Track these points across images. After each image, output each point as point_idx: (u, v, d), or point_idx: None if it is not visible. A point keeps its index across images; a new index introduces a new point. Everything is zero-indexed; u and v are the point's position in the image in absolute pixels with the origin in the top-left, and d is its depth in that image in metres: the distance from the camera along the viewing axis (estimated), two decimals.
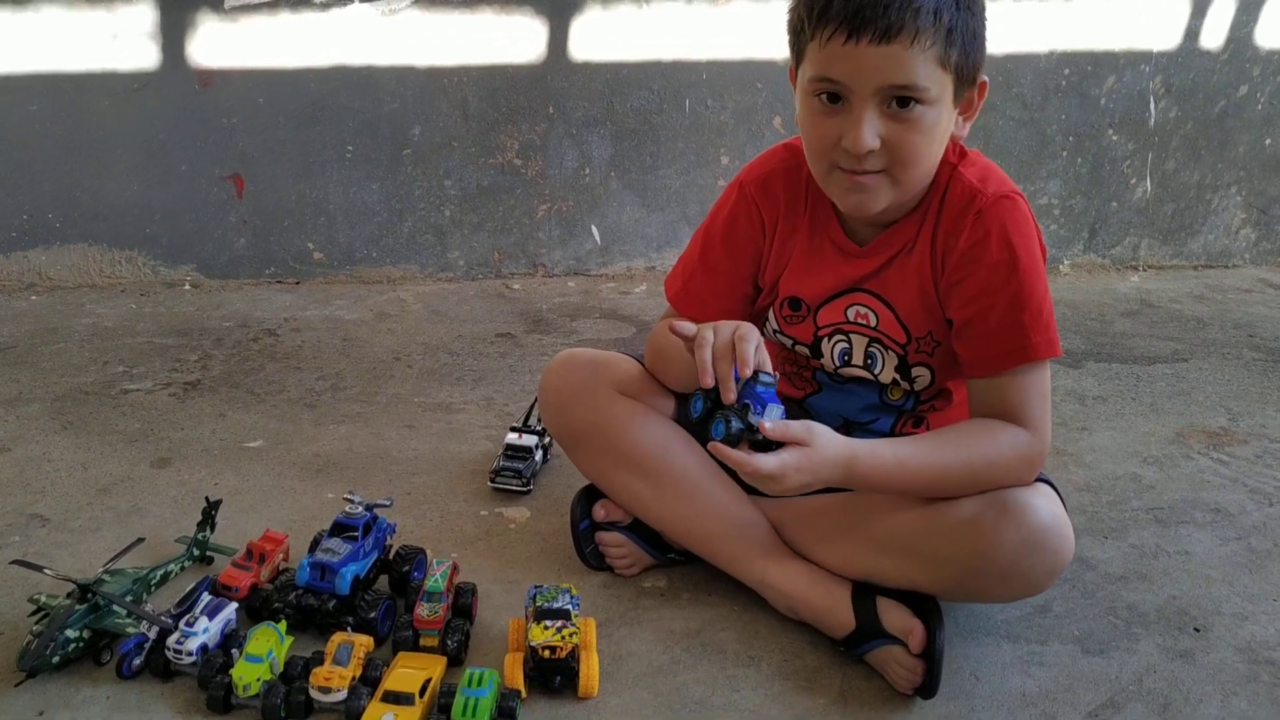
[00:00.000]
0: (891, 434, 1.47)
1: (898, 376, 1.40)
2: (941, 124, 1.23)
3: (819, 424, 1.20)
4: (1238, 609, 1.48)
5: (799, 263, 1.41)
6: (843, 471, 1.19)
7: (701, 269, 1.47)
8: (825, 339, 1.42)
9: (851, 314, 1.39)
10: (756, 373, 1.15)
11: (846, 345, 1.41)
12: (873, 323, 1.38)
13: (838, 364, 1.43)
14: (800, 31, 1.24)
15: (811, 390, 1.50)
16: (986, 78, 1.27)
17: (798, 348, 1.46)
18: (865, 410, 1.47)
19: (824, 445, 1.17)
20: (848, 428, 1.48)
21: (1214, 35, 3.06)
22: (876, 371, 1.41)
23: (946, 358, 1.37)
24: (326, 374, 2.28)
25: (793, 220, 1.41)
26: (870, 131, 1.19)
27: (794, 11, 1.25)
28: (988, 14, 1.24)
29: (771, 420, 1.15)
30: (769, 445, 1.15)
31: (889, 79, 1.17)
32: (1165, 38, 3.05)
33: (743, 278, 1.46)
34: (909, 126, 1.20)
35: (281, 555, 1.49)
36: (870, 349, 1.40)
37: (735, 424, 1.14)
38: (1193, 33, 3.06)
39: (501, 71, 2.83)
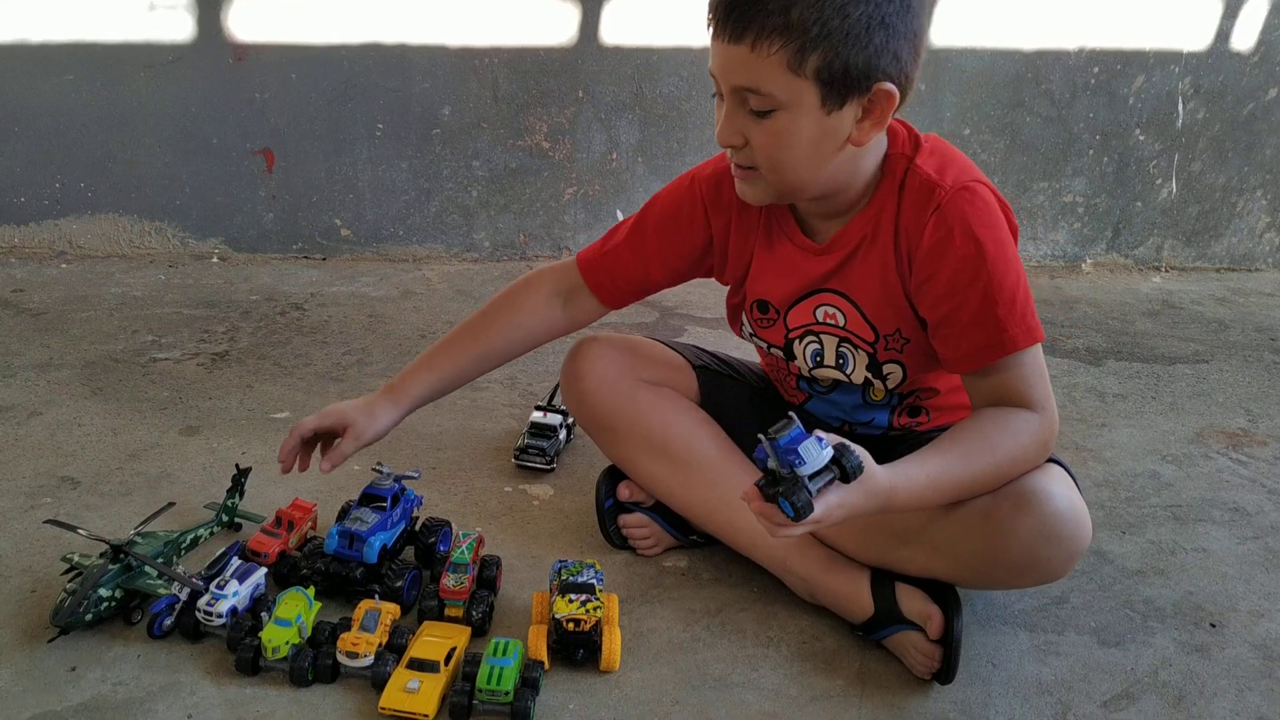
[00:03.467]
0: (890, 427, 1.47)
1: (869, 375, 1.39)
2: (804, 133, 1.19)
3: (862, 453, 1.11)
4: (1254, 606, 1.49)
5: (760, 264, 1.41)
6: (881, 503, 1.13)
7: (625, 242, 1.47)
8: (797, 340, 1.41)
9: (820, 314, 1.37)
10: (777, 428, 1.06)
11: (818, 346, 1.40)
12: (841, 322, 1.36)
13: (810, 365, 1.42)
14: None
15: (804, 398, 1.51)
16: (893, 87, 1.17)
17: (772, 351, 1.46)
18: (857, 410, 1.47)
19: (863, 480, 1.10)
20: (850, 427, 1.49)
21: (1245, 37, 3.05)
22: (848, 371, 1.40)
23: (918, 354, 1.35)
24: (352, 349, 2.30)
25: (747, 220, 1.40)
26: (729, 128, 1.20)
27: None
28: (916, 14, 1.18)
29: (813, 467, 1.06)
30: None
31: (735, 79, 1.17)
32: (1196, 38, 3.04)
33: (662, 264, 1.46)
34: (763, 130, 1.19)
35: (310, 523, 1.52)
36: (841, 349, 1.39)
37: (800, 500, 1.05)
38: (1224, 34, 3.04)
39: (532, 54, 2.85)
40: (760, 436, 1.06)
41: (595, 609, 1.28)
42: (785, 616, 1.41)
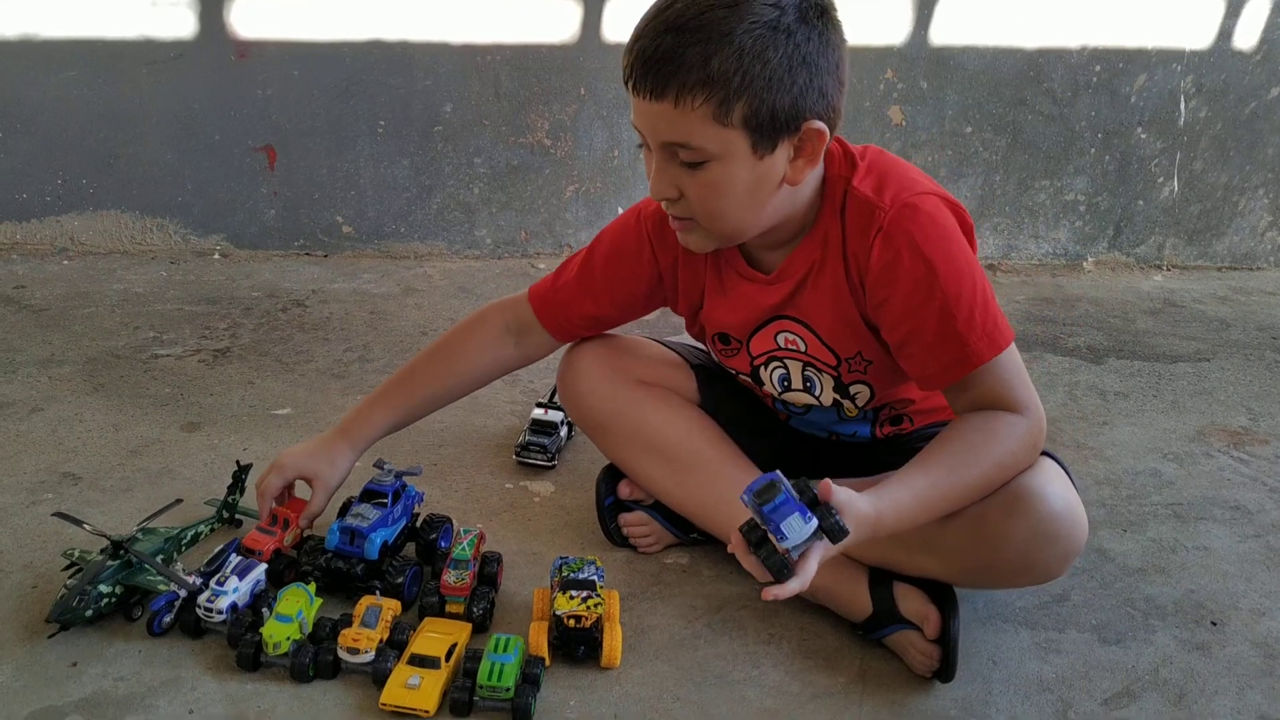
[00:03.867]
0: (873, 436, 1.48)
1: (837, 396, 1.39)
2: (739, 180, 1.17)
3: (842, 494, 1.08)
4: (1255, 605, 1.49)
5: (713, 298, 1.40)
6: (868, 533, 1.10)
7: (575, 280, 1.47)
8: (762, 367, 1.41)
9: (782, 340, 1.37)
10: (760, 491, 1.05)
11: (784, 371, 1.40)
12: (802, 348, 1.36)
13: (779, 390, 1.42)
14: None
15: (784, 417, 1.52)
16: (822, 124, 1.16)
17: (741, 378, 1.47)
18: (836, 424, 1.48)
19: (848, 515, 1.07)
20: (836, 437, 1.50)
21: (1247, 36, 3.05)
22: (817, 394, 1.40)
23: (882, 373, 1.34)
24: (354, 345, 2.31)
25: (695, 256, 1.38)
26: (662, 182, 1.19)
27: None
28: (835, 46, 1.16)
29: (795, 541, 1.04)
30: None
31: (664, 135, 1.16)
32: (1198, 37, 3.03)
33: (612, 301, 1.47)
34: (697, 182, 1.18)
35: (305, 522, 1.52)
36: (806, 373, 1.39)
37: (780, 567, 1.05)
38: (1226, 33, 3.04)
39: (534, 51, 2.85)
40: (742, 497, 1.05)
41: (596, 606, 1.28)
42: (786, 614, 1.41)
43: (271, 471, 1.46)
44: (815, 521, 1.04)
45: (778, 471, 1.06)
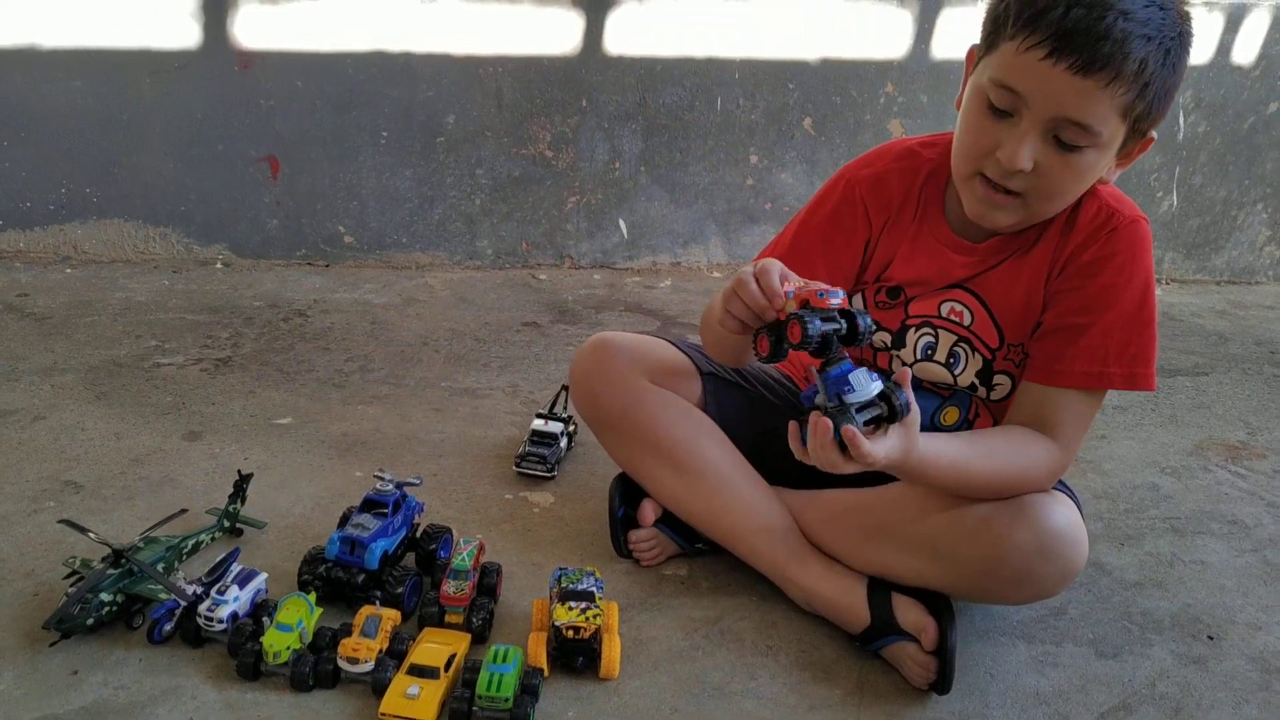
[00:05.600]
0: None
1: (977, 380, 1.39)
2: (1098, 168, 1.21)
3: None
4: (1251, 619, 1.50)
5: (904, 254, 1.39)
6: (900, 458, 1.11)
7: (789, 251, 1.42)
8: (912, 329, 1.40)
9: (945, 310, 1.38)
10: (825, 361, 1.08)
11: (932, 339, 1.39)
12: (966, 321, 1.37)
13: (919, 357, 1.41)
14: (1001, 25, 1.17)
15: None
16: (1156, 134, 1.23)
17: (878, 336, 1.44)
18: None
19: (908, 424, 1.10)
20: None
21: (1246, 51, 3.07)
22: (956, 371, 1.39)
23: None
24: (355, 355, 2.31)
25: (902, 221, 1.39)
26: (1028, 153, 1.17)
27: (1004, 2, 1.18)
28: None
29: (861, 396, 1.07)
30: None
31: (1069, 111, 1.14)
32: (1197, 52, 3.02)
33: (832, 270, 1.41)
34: (1066, 163, 1.18)
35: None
36: (956, 348, 1.39)
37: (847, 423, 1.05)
38: (1225, 48, 3.06)
39: (536, 63, 2.86)
40: (811, 369, 1.08)
41: (595, 617, 1.28)
42: (784, 625, 1.41)
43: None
44: (880, 384, 1.07)
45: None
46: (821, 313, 1.08)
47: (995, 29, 1.18)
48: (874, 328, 1.13)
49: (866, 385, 1.07)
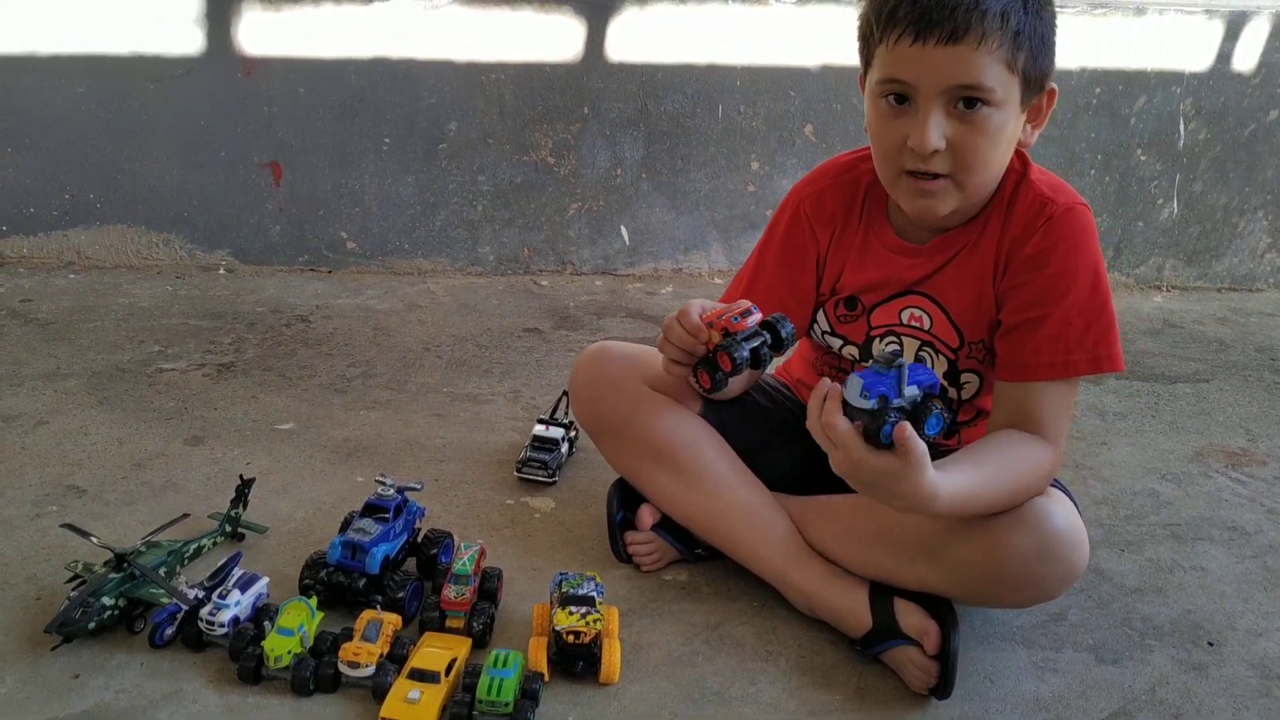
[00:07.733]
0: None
1: (945, 383, 1.41)
2: (1008, 128, 1.24)
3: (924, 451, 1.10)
4: (1252, 625, 1.50)
5: (854, 264, 1.43)
6: (926, 503, 1.12)
7: (751, 284, 1.50)
8: (878, 339, 1.44)
9: (905, 316, 1.41)
10: (884, 359, 1.10)
11: (898, 347, 1.42)
12: (926, 325, 1.40)
13: None
14: (869, 36, 1.26)
15: None
16: (1056, 85, 1.28)
17: (846, 349, 1.47)
18: None
19: (919, 469, 1.09)
20: None
21: (1246, 59, 3.07)
22: None
23: (994, 367, 1.38)
24: (357, 361, 2.32)
25: (848, 233, 1.43)
26: (935, 131, 1.21)
27: (863, 17, 1.27)
28: (1056, 23, 1.26)
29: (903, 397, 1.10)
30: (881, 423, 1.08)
31: (955, 79, 1.19)
32: (1197, 60, 3.05)
33: (795, 292, 1.47)
34: (974, 128, 1.22)
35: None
36: (921, 353, 1.41)
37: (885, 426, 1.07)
38: (1225, 55, 3.06)
39: (538, 70, 2.87)
40: (866, 362, 1.14)
41: (595, 622, 1.29)
42: (785, 630, 1.41)
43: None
44: (921, 392, 1.11)
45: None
46: (743, 334, 1.21)
47: (866, 44, 1.28)
48: (794, 332, 1.27)
49: (909, 390, 1.11)
